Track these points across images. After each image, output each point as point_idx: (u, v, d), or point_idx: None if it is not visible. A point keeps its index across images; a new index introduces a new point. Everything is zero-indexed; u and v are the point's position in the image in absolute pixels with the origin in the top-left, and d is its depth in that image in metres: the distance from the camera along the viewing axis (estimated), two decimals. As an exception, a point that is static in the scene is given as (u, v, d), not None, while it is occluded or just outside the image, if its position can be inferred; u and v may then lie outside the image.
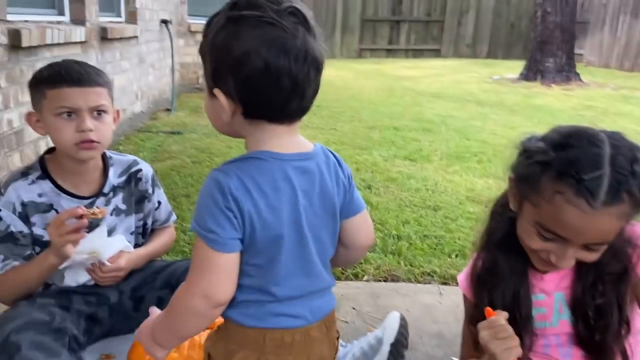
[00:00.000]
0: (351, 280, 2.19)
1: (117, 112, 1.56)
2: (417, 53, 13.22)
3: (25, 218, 1.45)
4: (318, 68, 0.85)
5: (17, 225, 1.43)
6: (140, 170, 1.64)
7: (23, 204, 1.44)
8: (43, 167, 1.50)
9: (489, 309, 1.08)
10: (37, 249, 1.48)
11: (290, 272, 0.91)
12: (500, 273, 1.14)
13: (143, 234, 1.69)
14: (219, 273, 0.85)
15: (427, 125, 5.43)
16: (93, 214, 1.37)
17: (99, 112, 1.44)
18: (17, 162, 2.71)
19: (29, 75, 2.78)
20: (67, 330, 1.32)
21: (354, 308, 1.94)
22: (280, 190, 0.87)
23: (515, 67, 9.81)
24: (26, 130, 2.80)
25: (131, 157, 1.66)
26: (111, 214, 1.57)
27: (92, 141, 1.42)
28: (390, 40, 13.40)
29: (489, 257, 1.17)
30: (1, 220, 1.43)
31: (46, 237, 1.44)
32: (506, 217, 1.14)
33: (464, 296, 1.27)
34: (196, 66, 7.12)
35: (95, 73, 1.47)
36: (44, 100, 1.41)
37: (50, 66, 1.47)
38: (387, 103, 6.89)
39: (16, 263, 1.42)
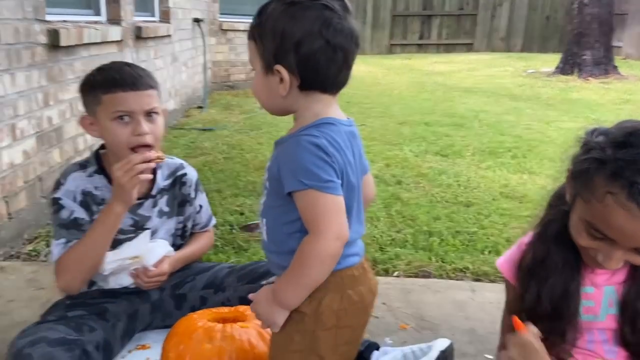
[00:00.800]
0: (382, 275, 2.18)
1: (165, 110, 1.57)
2: (449, 48, 13.02)
3: (86, 206, 1.48)
4: (358, 45, 1.01)
5: (80, 213, 1.47)
6: (185, 174, 1.66)
7: (84, 193, 1.48)
8: (99, 162, 1.53)
9: (516, 319, 1.04)
10: None
11: (355, 218, 1.04)
12: (552, 266, 1.11)
13: (182, 236, 1.72)
14: (343, 214, 0.98)
15: (459, 121, 5.35)
16: (159, 158, 1.42)
17: (151, 114, 1.46)
18: (56, 158, 2.80)
19: (67, 74, 2.89)
20: (79, 344, 1.33)
21: (384, 303, 1.93)
22: (349, 149, 1.01)
23: (551, 61, 9.56)
24: (65, 127, 2.89)
25: (178, 161, 1.68)
26: (156, 216, 1.60)
27: (147, 145, 1.45)
28: (422, 35, 13.24)
29: (541, 248, 1.14)
30: (64, 209, 1.46)
31: None
32: (562, 209, 1.10)
33: (506, 281, 1.25)
34: (227, 64, 7.20)
35: (147, 75, 1.48)
36: (99, 105, 1.43)
37: (103, 70, 1.47)
38: (418, 98, 6.82)
39: (71, 243, 1.45)
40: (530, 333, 1.02)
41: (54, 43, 2.66)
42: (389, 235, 2.57)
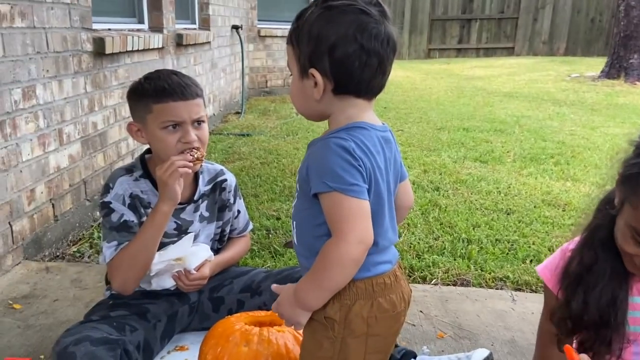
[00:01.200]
0: (419, 283, 2.15)
1: (206, 116, 1.61)
2: (489, 52, 12.80)
3: (134, 208, 1.52)
4: (395, 51, 1.00)
5: (129, 216, 1.51)
6: (225, 180, 1.69)
7: (131, 196, 1.52)
8: (144, 167, 1.56)
9: (569, 348, 1.00)
10: None
11: (386, 225, 1.03)
12: (599, 273, 1.07)
13: (220, 240, 1.75)
14: (368, 218, 0.96)
15: (499, 126, 5.24)
16: (198, 159, 1.46)
17: (199, 122, 1.49)
18: (100, 162, 2.89)
19: (111, 81, 2.98)
20: (120, 344, 1.36)
21: (421, 311, 1.90)
22: (380, 154, 1.00)
23: (595, 65, 9.26)
24: (109, 132, 2.98)
25: (218, 167, 1.71)
26: (197, 221, 1.63)
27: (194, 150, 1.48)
28: (461, 40, 13.06)
29: (588, 254, 1.09)
30: (114, 212, 1.50)
31: None
32: (610, 214, 1.06)
33: (546, 289, 1.21)
34: (265, 70, 7.28)
35: (193, 84, 1.51)
36: (149, 114, 1.47)
37: (152, 79, 1.50)
38: (456, 104, 6.72)
39: (122, 245, 1.48)
40: None
41: (99, 50, 2.75)
42: (427, 242, 2.53)
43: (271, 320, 1.43)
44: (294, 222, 1.07)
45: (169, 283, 1.56)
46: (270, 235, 2.61)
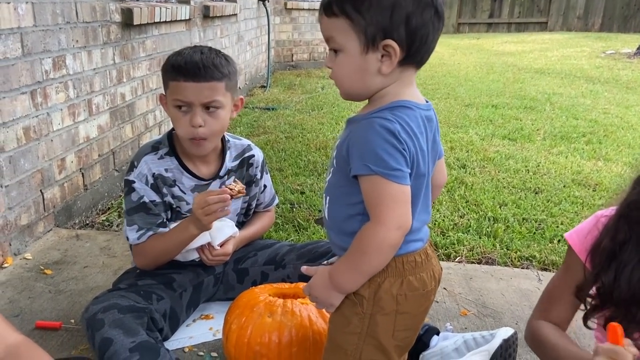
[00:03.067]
0: (443, 260, 2.14)
1: (241, 100, 1.57)
2: (521, 27, 12.42)
3: (156, 188, 1.53)
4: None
5: (150, 196, 1.52)
6: (253, 155, 1.69)
7: (154, 176, 1.53)
8: (171, 144, 1.57)
9: (615, 328, 0.95)
10: (169, 214, 1.58)
11: (421, 206, 1.02)
12: (632, 250, 1.04)
13: (245, 214, 1.76)
14: (407, 204, 0.94)
15: (529, 103, 5.11)
16: (239, 192, 1.43)
17: (211, 107, 1.46)
18: (128, 133, 2.92)
19: (139, 52, 2.98)
20: (147, 312, 1.40)
21: (445, 288, 1.89)
22: (423, 135, 0.97)
23: (632, 41, 8.91)
24: (136, 103, 3.01)
25: (246, 142, 1.70)
26: None
27: (201, 138, 1.47)
28: (492, 14, 12.70)
29: (623, 230, 1.06)
30: (135, 192, 1.52)
31: (175, 205, 1.55)
32: None
33: (570, 254, 1.17)
34: (291, 44, 7.22)
35: (216, 67, 1.43)
36: (167, 89, 1.47)
37: (178, 54, 1.47)
38: (485, 80, 6.57)
39: (151, 233, 1.52)
40: (625, 348, 0.94)
41: (127, 21, 2.75)
42: (452, 219, 2.50)
43: (295, 292, 1.45)
44: (327, 198, 1.05)
45: (193, 255, 1.59)
46: (294, 209, 2.62)
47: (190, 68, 1.42)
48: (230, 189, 1.42)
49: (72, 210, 2.40)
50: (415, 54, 0.93)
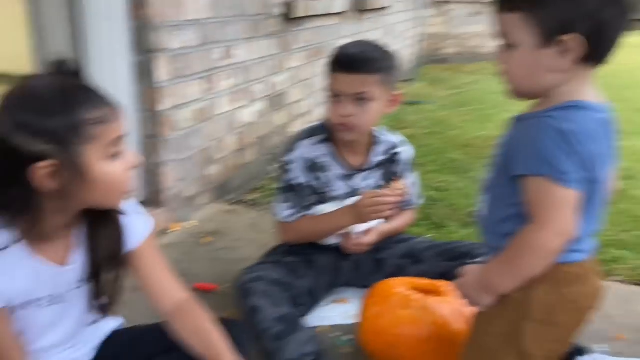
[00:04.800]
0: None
1: (398, 95, 1.58)
2: None
3: (309, 172, 1.63)
4: None
5: (302, 178, 1.63)
6: (401, 152, 1.71)
7: (308, 160, 1.63)
8: (326, 132, 1.65)
9: None
10: (314, 198, 1.66)
11: (591, 214, 0.97)
12: None
13: None
14: (572, 210, 0.91)
15: None
16: (403, 192, 1.50)
17: (361, 98, 1.51)
18: (279, 120, 3.12)
19: (295, 44, 3.16)
20: (291, 288, 1.48)
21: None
22: (598, 138, 0.92)
23: None
24: (289, 92, 3.19)
25: (397, 138, 1.73)
26: (368, 189, 1.67)
27: (347, 127, 1.53)
28: (675, 7, 11.10)
29: None
30: (289, 172, 1.64)
31: (323, 191, 1.63)
32: None
33: None
34: (441, 37, 7.06)
35: (370, 59, 1.48)
36: (328, 80, 1.56)
37: (339, 48, 1.55)
38: (660, 82, 5.81)
39: (302, 214, 1.62)
40: None
41: (287, 15, 2.92)
42: (613, 235, 2.28)
43: (433, 289, 1.44)
44: (485, 197, 1.04)
45: (334, 240, 1.65)
46: (433, 207, 2.59)
47: (344, 60, 1.50)
48: (396, 194, 1.47)
49: (228, 187, 2.64)
50: (598, 51, 0.89)
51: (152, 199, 2.18)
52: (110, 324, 1.23)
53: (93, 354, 1.16)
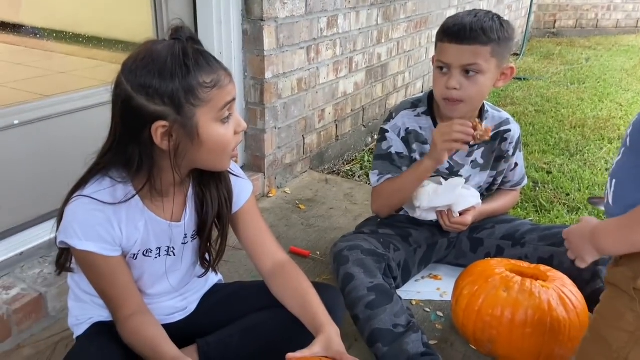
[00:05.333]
0: None
1: (511, 69, 1.50)
2: None
3: (407, 142, 1.62)
4: None
5: (398, 147, 1.61)
6: (509, 130, 1.63)
7: (407, 131, 1.61)
8: (429, 104, 1.62)
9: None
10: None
11: None
12: None
13: (488, 189, 1.72)
14: None
15: None
16: (482, 135, 1.41)
17: (469, 70, 1.44)
18: (378, 92, 3.08)
19: (400, 14, 3.08)
20: (385, 259, 1.47)
21: None
22: None
23: None
24: (390, 64, 3.13)
25: (505, 115, 1.65)
26: (469, 166, 1.64)
27: (454, 100, 1.46)
28: None
29: None
30: (385, 140, 1.63)
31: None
32: None
33: None
34: (555, 8, 6.54)
35: (483, 29, 1.41)
36: (436, 50, 1.50)
37: (452, 18, 1.48)
38: None
39: (389, 176, 1.61)
40: None
41: (393, -17, 2.85)
42: None
43: (534, 273, 1.38)
44: (613, 181, 0.97)
45: (432, 216, 1.62)
46: (537, 189, 2.45)
47: (455, 30, 1.42)
48: (475, 127, 1.39)
49: (324, 156, 2.68)
50: None
51: (253, 164, 2.27)
52: (213, 278, 1.31)
53: (197, 304, 1.24)
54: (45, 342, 1.39)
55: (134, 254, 1.08)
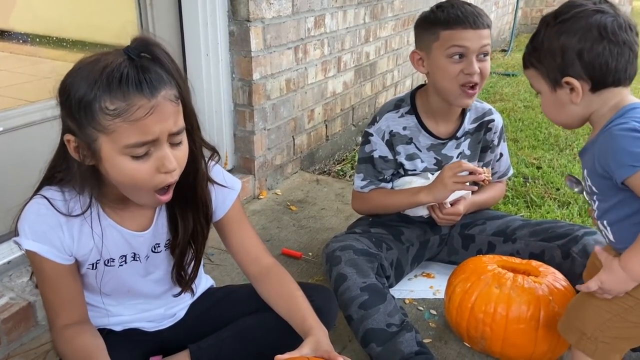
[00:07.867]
0: None
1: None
2: None
3: (391, 145, 1.62)
4: (638, 33, 1.03)
5: (383, 151, 1.62)
6: (492, 120, 1.65)
7: (391, 134, 1.61)
8: (412, 103, 1.62)
9: None
10: (392, 171, 1.65)
11: None
12: None
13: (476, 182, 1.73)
14: None
15: None
16: (486, 180, 1.44)
17: (484, 54, 1.47)
18: (367, 91, 3.08)
19: (387, 12, 3.08)
20: (378, 258, 1.47)
21: None
22: None
23: None
24: (378, 62, 3.13)
25: (487, 106, 1.67)
26: (457, 157, 1.64)
27: (474, 84, 1.47)
28: None
29: None
30: (369, 144, 1.63)
31: (407, 166, 1.61)
32: None
33: None
34: (542, 4, 6.59)
35: (485, 15, 1.48)
36: (435, 42, 1.49)
37: (444, 8, 1.49)
38: None
39: (374, 186, 1.63)
40: None
41: (380, -18, 2.85)
42: None
43: (526, 269, 1.38)
44: (604, 222, 1.05)
45: (423, 212, 1.62)
46: (528, 184, 2.46)
47: (468, 16, 1.44)
48: (480, 172, 1.42)
49: (314, 157, 2.67)
50: (602, 80, 1.00)
51: (243, 166, 2.26)
52: (204, 282, 1.29)
53: (185, 310, 1.22)
54: (35, 352, 1.37)
55: (92, 264, 1.03)
